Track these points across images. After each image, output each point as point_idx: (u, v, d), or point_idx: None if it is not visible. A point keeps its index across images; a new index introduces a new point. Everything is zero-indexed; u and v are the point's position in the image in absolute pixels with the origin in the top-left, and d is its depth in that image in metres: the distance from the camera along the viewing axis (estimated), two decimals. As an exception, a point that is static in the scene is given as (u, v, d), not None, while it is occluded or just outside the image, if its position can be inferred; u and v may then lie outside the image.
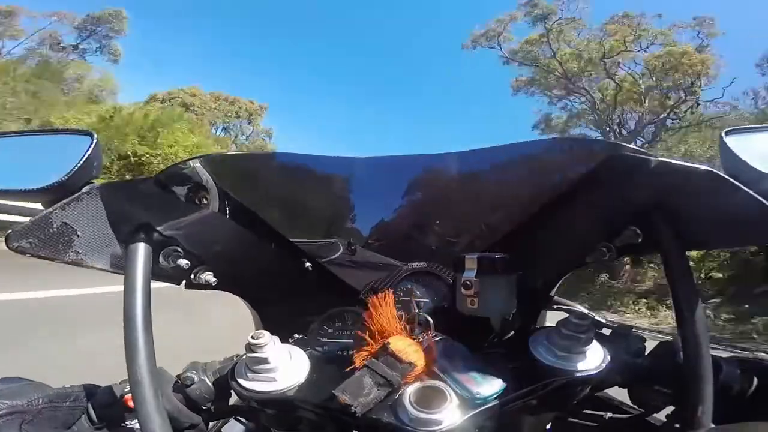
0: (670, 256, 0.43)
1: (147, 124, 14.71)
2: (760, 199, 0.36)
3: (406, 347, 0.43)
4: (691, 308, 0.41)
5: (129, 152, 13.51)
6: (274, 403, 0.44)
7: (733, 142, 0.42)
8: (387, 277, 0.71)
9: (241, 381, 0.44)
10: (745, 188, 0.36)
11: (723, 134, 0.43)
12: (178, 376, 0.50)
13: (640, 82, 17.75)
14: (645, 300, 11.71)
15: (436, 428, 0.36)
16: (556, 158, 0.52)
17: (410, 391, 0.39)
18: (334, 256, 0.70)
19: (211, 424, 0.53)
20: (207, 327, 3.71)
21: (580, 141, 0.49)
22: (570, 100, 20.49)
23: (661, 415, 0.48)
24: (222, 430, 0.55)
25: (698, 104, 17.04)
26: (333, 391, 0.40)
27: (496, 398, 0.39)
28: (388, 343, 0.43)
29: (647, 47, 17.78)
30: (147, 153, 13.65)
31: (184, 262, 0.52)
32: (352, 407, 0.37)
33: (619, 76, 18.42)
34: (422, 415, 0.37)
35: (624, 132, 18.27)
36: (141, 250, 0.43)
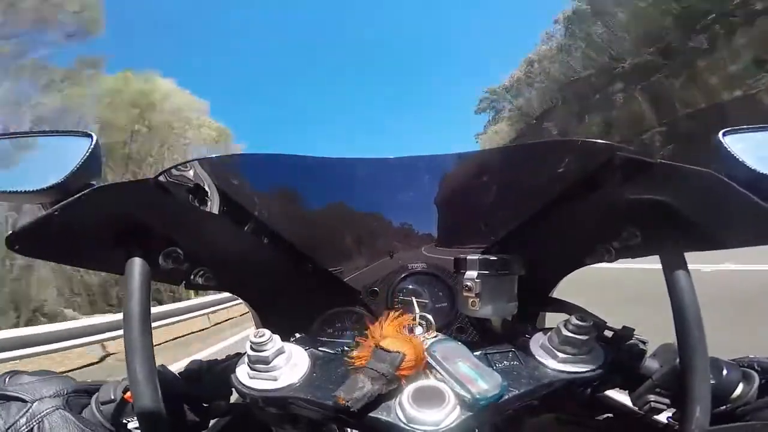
0: (668, 257, 0.43)
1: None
2: (758, 200, 0.36)
3: (393, 340, 0.44)
4: (690, 309, 0.40)
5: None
6: (275, 402, 0.44)
7: (731, 143, 0.42)
8: (387, 277, 0.71)
9: (241, 379, 0.44)
10: (743, 190, 0.36)
11: (721, 134, 0.43)
12: (179, 374, 0.50)
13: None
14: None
15: (435, 428, 0.36)
16: (556, 159, 0.52)
17: (409, 390, 0.39)
18: (333, 257, 0.70)
19: (212, 422, 0.53)
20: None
21: (580, 142, 0.49)
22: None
23: (662, 418, 0.48)
24: (222, 428, 0.55)
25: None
26: (333, 394, 0.40)
27: (495, 399, 0.39)
28: (378, 344, 0.44)
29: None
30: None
31: (183, 263, 0.52)
32: (347, 402, 0.37)
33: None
34: (421, 415, 0.37)
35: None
36: (140, 251, 0.43)
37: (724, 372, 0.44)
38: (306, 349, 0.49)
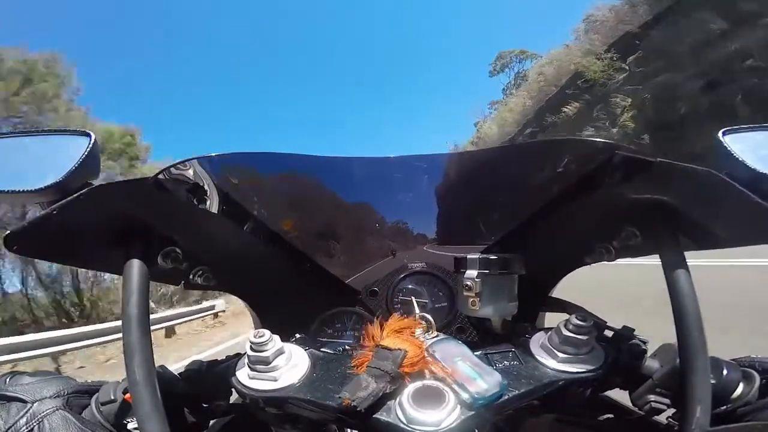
0: (668, 256, 0.43)
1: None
2: (758, 200, 0.36)
3: (394, 339, 0.44)
4: (690, 309, 0.40)
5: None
6: (275, 402, 0.44)
7: (731, 142, 0.42)
8: (387, 277, 0.71)
9: (241, 380, 0.44)
10: (743, 189, 0.36)
11: (720, 134, 0.43)
12: (179, 374, 0.50)
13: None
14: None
15: (435, 428, 0.36)
16: (556, 158, 0.52)
17: (409, 390, 0.39)
18: (333, 257, 0.70)
19: (211, 422, 0.53)
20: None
21: (579, 141, 0.49)
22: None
23: (662, 418, 0.48)
24: (222, 428, 0.55)
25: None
26: (338, 396, 0.40)
27: (495, 399, 0.39)
28: (379, 343, 0.44)
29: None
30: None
31: (182, 263, 0.52)
32: (353, 402, 0.38)
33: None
34: (421, 415, 0.37)
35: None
36: (139, 251, 0.43)
37: (725, 372, 0.43)
38: (306, 350, 0.49)
